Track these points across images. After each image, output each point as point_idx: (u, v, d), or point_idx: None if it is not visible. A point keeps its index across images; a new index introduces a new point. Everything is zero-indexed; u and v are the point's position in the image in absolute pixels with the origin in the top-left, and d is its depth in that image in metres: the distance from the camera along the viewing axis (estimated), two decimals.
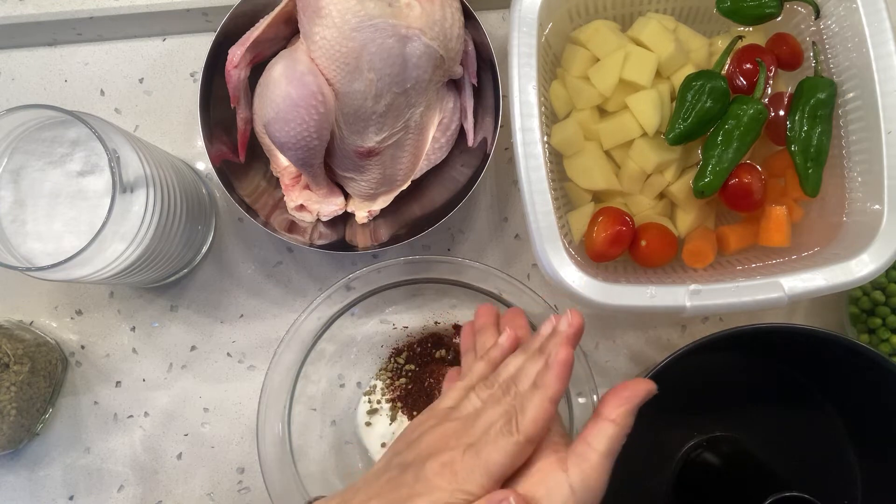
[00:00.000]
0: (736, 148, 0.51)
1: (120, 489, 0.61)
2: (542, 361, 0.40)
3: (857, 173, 0.53)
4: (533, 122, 0.50)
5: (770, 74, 0.54)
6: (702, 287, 0.50)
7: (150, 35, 0.64)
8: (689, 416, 0.60)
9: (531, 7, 0.51)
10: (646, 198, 0.56)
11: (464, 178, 0.58)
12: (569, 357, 0.39)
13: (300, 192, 0.59)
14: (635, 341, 0.63)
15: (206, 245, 0.63)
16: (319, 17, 0.49)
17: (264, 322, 0.63)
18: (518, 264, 0.64)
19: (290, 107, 0.50)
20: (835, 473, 0.58)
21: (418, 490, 0.37)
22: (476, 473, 0.36)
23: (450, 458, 0.38)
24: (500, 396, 0.40)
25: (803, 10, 0.56)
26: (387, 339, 0.62)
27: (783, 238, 0.53)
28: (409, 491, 0.37)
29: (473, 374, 0.44)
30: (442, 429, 0.40)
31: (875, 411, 0.56)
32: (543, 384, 0.38)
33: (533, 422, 0.37)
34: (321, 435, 0.61)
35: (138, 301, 0.63)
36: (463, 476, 0.37)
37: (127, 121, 0.64)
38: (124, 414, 0.62)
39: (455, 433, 0.39)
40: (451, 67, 0.55)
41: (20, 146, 0.50)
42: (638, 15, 0.57)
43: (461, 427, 0.39)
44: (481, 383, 0.42)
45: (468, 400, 0.42)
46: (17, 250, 0.49)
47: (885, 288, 0.59)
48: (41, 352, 0.59)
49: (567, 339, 0.40)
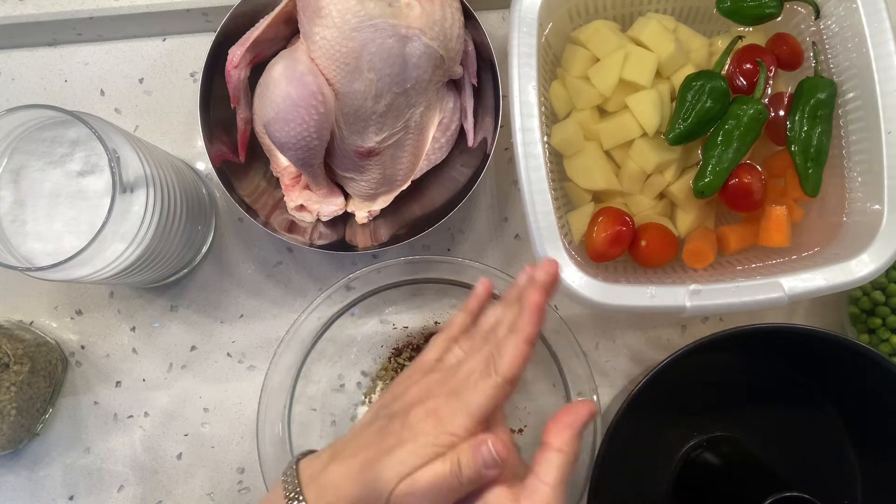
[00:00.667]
0: (736, 148, 0.51)
1: (120, 489, 0.61)
2: (517, 309, 0.42)
3: (857, 173, 0.53)
4: (533, 122, 0.50)
5: (770, 74, 0.54)
6: (702, 287, 0.50)
7: (150, 35, 0.64)
8: (689, 416, 0.60)
9: (531, 7, 0.51)
10: (646, 198, 0.56)
11: (464, 178, 0.58)
12: (541, 301, 0.40)
13: (300, 192, 0.59)
14: (635, 341, 0.63)
15: (206, 245, 0.63)
16: (319, 17, 0.49)
17: (264, 322, 0.63)
18: (518, 264, 0.64)
19: (290, 107, 0.50)
20: (835, 473, 0.58)
21: (405, 437, 0.39)
22: (459, 416, 0.38)
23: (434, 404, 0.40)
24: (480, 345, 0.42)
25: (803, 10, 0.56)
26: (387, 339, 0.62)
27: (783, 238, 0.53)
28: (396, 438, 0.39)
29: (453, 324, 0.46)
30: (426, 380, 0.42)
31: (875, 411, 0.56)
32: (517, 328, 0.40)
33: (510, 362, 0.39)
34: (321, 435, 0.61)
35: (138, 301, 0.63)
36: (447, 420, 0.38)
37: (127, 121, 0.64)
38: (124, 414, 0.62)
39: (438, 382, 0.41)
40: (451, 67, 0.55)
41: (20, 146, 0.50)
42: (638, 15, 0.57)
43: (444, 377, 0.42)
44: (463, 336, 0.45)
45: (451, 352, 0.44)
46: (17, 250, 0.49)
47: (885, 288, 0.59)
48: (41, 352, 0.59)
49: (542, 286, 0.41)
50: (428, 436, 0.38)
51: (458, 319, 0.46)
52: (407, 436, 0.39)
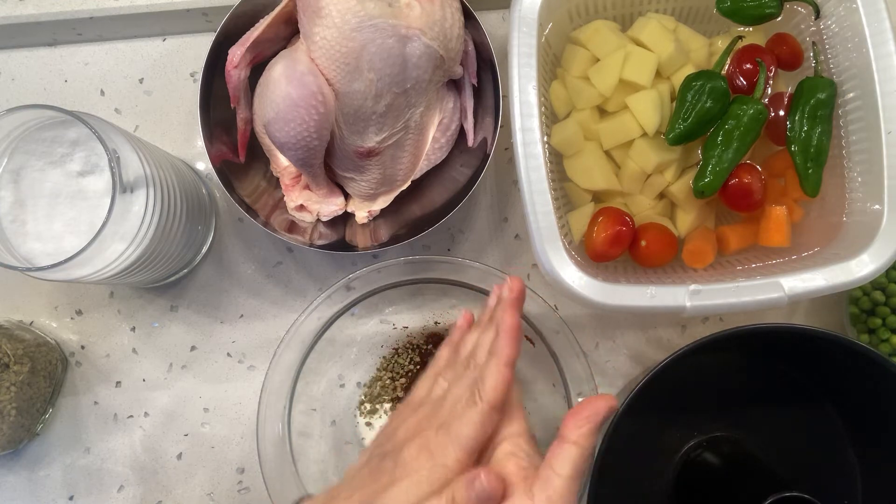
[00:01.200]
0: (736, 148, 0.51)
1: (120, 489, 0.61)
2: (493, 331, 0.42)
3: (857, 173, 0.53)
4: (533, 122, 0.50)
5: (770, 74, 0.54)
6: (702, 287, 0.50)
7: (150, 35, 0.64)
8: (689, 416, 0.60)
9: (531, 7, 0.51)
10: (646, 198, 0.56)
11: (464, 178, 0.58)
12: (515, 321, 0.41)
13: (300, 192, 0.59)
14: (635, 341, 0.63)
15: (206, 245, 0.63)
16: (319, 18, 0.49)
17: (264, 322, 0.63)
18: (518, 264, 0.64)
19: (290, 107, 0.50)
20: (835, 473, 0.58)
21: (399, 475, 0.38)
22: (450, 449, 0.38)
23: (425, 439, 0.39)
24: (462, 372, 0.42)
25: (803, 10, 0.56)
26: (387, 339, 0.62)
27: (783, 238, 0.53)
28: (389, 477, 0.39)
29: (438, 360, 0.47)
30: (416, 416, 0.42)
31: (875, 411, 0.56)
32: (496, 351, 0.41)
33: (493, 388, 0.39)
34: (321, 435, 0.61)
35: (138, 301, 0.63)
36: (438, 454, 0.38)
37: (127, 121, 0.64)
38: (124, 414, 0.62)
39: (427, 417, 0.41)
40: (451, 67, 0.55)
41: (20, 146, 0.50)
42: (638, 15, 0.57)
43: (432, 410, 0.42)
44: (447, 367, 0.45)
45: (437, 385, 0.44)
46: (17, 250, 0.49)
47: (885, 288, 0.59)
48: (41, 352, 0.59)
49: (511, 305, 0.42)
50: (421, 472, 0.38)
51: (443, 353, 0.47)
52: (400, 473, 0.38)
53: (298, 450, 0.59)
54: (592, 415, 0.39)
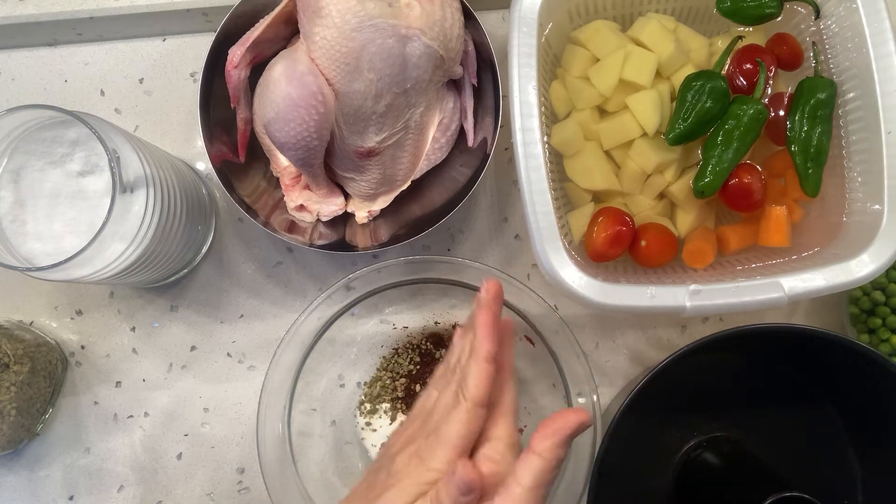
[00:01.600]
0: (736, 148, 0.51)
1: (120, 489, 0.61)
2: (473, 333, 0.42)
3: (857, 173, 0.53)
4: (533, 122, 0.50)
5: (770, 74, 0.54)
6: (702, 287, 0.50)
7: (150, 35, 0.64)
8: (689, 416, 0.60)
9: (531, 7, 0.51)
10: (646, 198, 0.56)
11: (464, 178, 0.58)
12: (487, 318, 0.42)
13: (300, 192, 0.59)
14: (635, 341, 0.63)
15: (206, 245, 0.63)
16: (319, 18, 0.49)
17: (264, 322, 0.63)
18: (518, 264, 0.64)
19: (290, 107, 0.50)
20: (835, 473, 0.58)
21: (390, 483, 0.39)
22: (437, 451, 0.39)
23: (415, 447, 0.40)
24: (449, 379, 0.43)
25: (803, 10, 0.56)
26: (387, 339, 0.62)
27: (783, 238, 0.53)
28: (382, 486, 0.40)
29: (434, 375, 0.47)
30: (409, 429, 0.43)
31: (875, 411, 0.56)
32: (474, 348, 0.41)
33: (475, 386, 0.40)
34: (321, 435, 0.61)
35: (138, 301, 0.63)
36: (427, 457, 0.39)
37: (127, 121, 0.64)
38: (124, 414, 0.62)
39: (419, 427, 0.43)
40: (451, 67, 0.55)
41: (20, 146, 0.50)
42: (638, 15, 0.57)
43: (424, 420, 0.43)
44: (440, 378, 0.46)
45: (429, 397, 0.45)
46: (17, 250, 0.49)
47: (885, 288, 0.59)
48: (41, 352, 0.59)
49: (485, 305, 0.43)
50: (411, 476, 0.39)
51: (439, 369, 0.47)
52: (392, 482, 0.39)
53: (298, 450, 0.59)
54: (560, 429, 0.39)
